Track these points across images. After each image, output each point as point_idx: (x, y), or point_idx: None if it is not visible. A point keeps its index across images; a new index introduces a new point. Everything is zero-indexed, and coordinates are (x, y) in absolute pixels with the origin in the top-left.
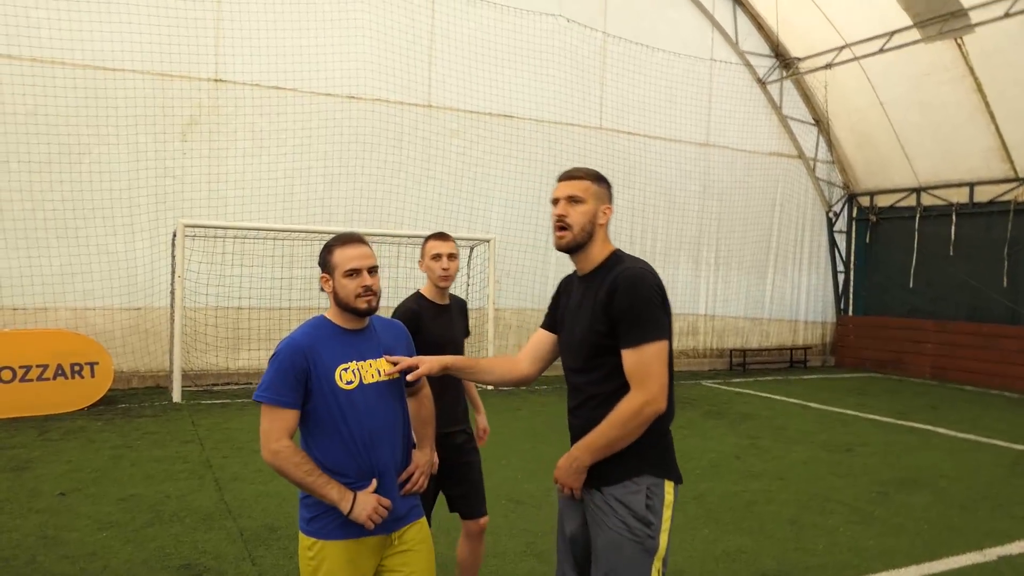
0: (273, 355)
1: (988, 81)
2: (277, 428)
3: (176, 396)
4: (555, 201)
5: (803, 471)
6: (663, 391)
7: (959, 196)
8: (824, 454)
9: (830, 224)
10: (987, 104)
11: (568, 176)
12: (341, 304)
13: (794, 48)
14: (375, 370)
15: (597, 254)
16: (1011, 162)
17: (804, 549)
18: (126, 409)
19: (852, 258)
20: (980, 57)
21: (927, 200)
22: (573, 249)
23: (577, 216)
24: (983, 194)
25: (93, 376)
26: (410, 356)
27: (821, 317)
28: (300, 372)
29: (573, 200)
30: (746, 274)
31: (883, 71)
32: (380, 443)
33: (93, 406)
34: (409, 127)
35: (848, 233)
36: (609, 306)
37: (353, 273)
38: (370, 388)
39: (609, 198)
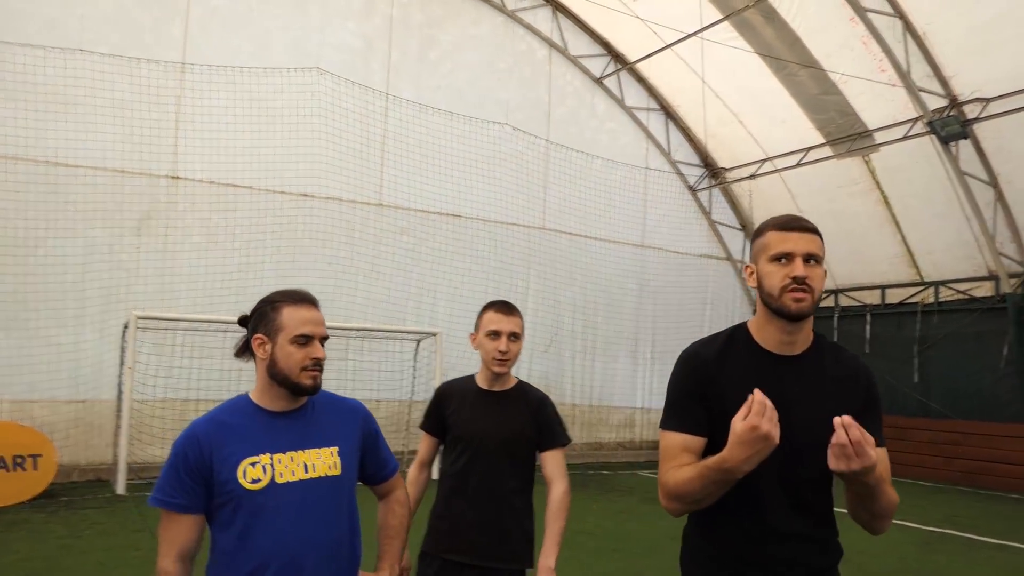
0: (173, 446)
1: (892, 194)
2: (167, 540)
3: (120, 488)
4: (787, 256)
5: None
6: None
7: (872, 298)
8: None
9: None
10: (893, 215)
11: (802, 227)
12: (278, 377)
13: (721, 159)
14: (300, 465)
15: (809, 328)
16: (916, 267)
17: None
18: (69, 502)
19: None
20: (884, 173)
21: (844, 301)
22: (803, 318)
23: (818, 280)
24: (893, 296)
25: (36, 468)
26: (364, 446)
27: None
28: (195, 467)
29: (813, 260)
30: None
31: (801, 182)
32: (304, 568)
33: (35, 499)
34: (360, 224)
35: None
36: (868, 401)
37: (304, 340)
38: (288, 489)
39: None
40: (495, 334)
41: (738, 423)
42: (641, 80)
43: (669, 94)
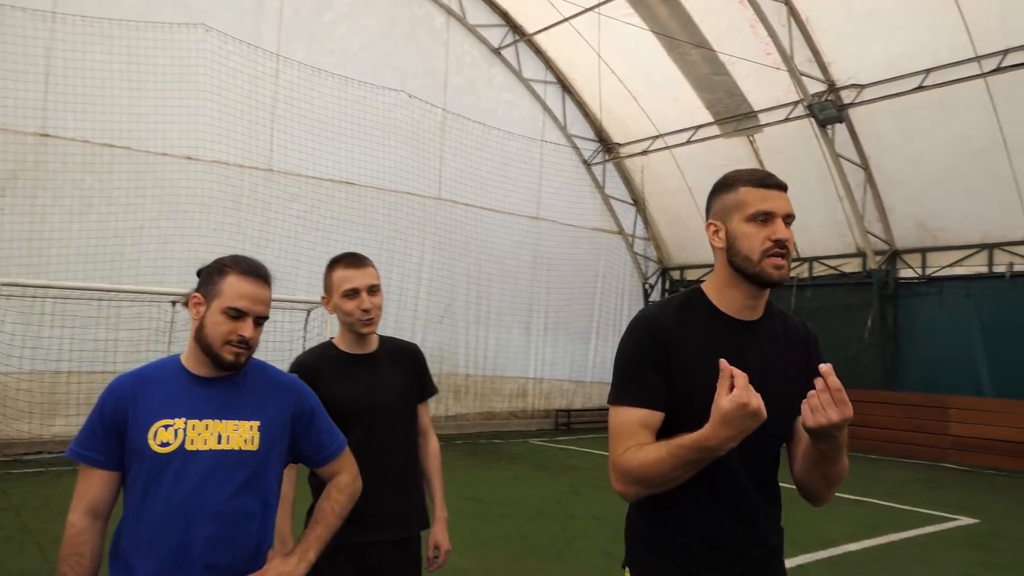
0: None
1: (777, 173)
2: (79, 494)
3: None
4: (767, 215)
5: (617, 512)
6: None
7: None
8: None
9: (646, 295)
10: None
11: (780, 185)
12: (202, 342)
13: (615, 134)
14: (214, 434)
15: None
16: (793, 244)
17: (615, 573)
18: None
19: None
20: (768, 152)
21: None
22: (782, 284)
23: (790, 244)
24: None
25: None
26: (294, 427)
27: None
28: (111, 422)
29: (791, 220)
30: (572, 340)
31: (690, 159)
32: (196, 540)
33: None
34: (248, 190)
35: None
36: (811, 364)
37: (235, 314)
38: (195, 458)
39: None
40: (353, 292)
41: (724, 400)
42: (539, 52)
43: (566, 68)
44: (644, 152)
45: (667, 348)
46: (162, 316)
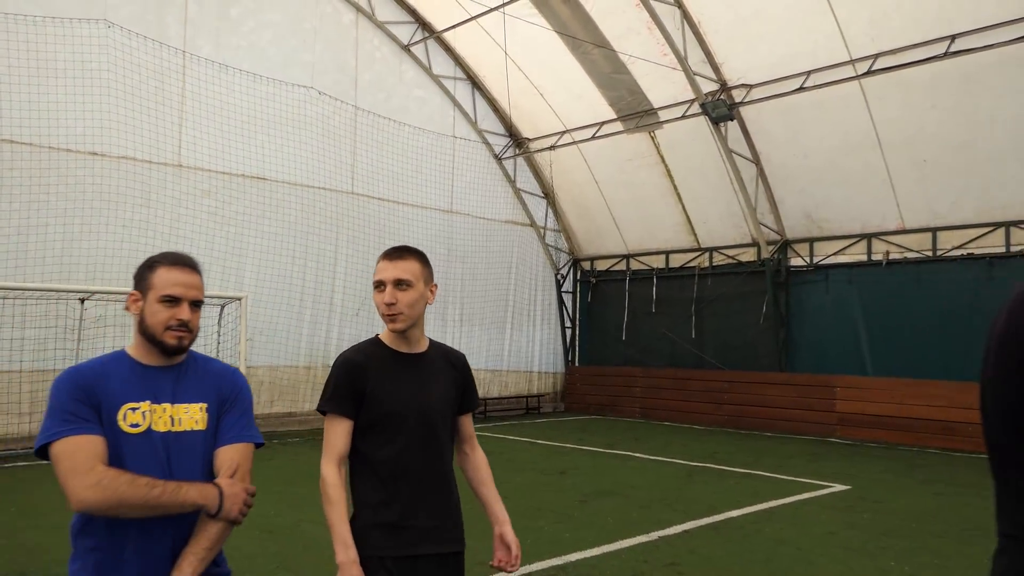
0: (51, 389)
1: (674, 168)
2: (83, 457)
3: None
4: None
5: (524, 490)
6: None
7: (658, 262)
8: (542, 477)
9: (558, 285)
10: (675, 187)
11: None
12: (146, 334)
13: (525, 130)
14: (169, 417)
15: None
16: (695, 235)
17: None
18: None
19: (577, 315)
20: (668, 148)
21: (635, 265)
22: None
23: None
24: (676, 260)
25: None
26: (237, 420)
27: (552, 368)
28: (86, 398)
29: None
30: (487, 330)
31: (596, 154)
32: (167, 520)
33: None
34: (157, 185)
35: (573, 293)
36: None
37: (170, 301)
38: (160, 439)
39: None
40: (378, 285)
41: None
42: (448, 49)
43: (475, 64)
44: (552, 147)
45: None
46: (70, 314)
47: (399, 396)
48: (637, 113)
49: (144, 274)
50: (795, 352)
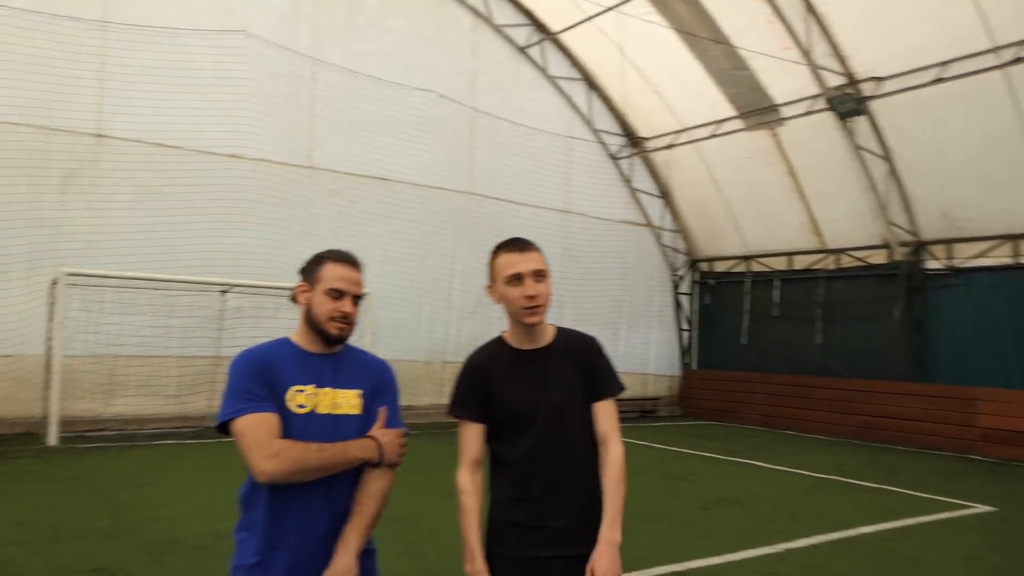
0: (229, 370)
1: (798, 166)
2: (263, 432)
3: (53, 440)
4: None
5: (642, 494)
6: None
7: (780, 264)
8: (661, 481)
9: (675, 286)
10: (798, 185)
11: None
12: (311, 322)
13: (641, 129)
14: (331, 401)
15: None
16: (820, 235)
17: (634, 546)
18: (1, 452)
19: (694, 317)
20: (790, 145)
21: (755, 267)
22: None
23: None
24: (799, 263)
25: None
26: (386, 410)
27: (668, 371)
28: (264, 381)
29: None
30: (601, 331)
31: (715, 153)
32: (314, 495)
33: None
34: (290, 186)
35: (691, 295)
36: None
37: (336, 294)
38: (324, 420)
39: None
40: (516, 278)
41: None
42: (564, 50)
43: (591, 65)
44: (669, 146)
45: None
46: (212, 304)
47: (522, 395)
48: (758, 110)
49: (313, 267)
50: (931, 361)
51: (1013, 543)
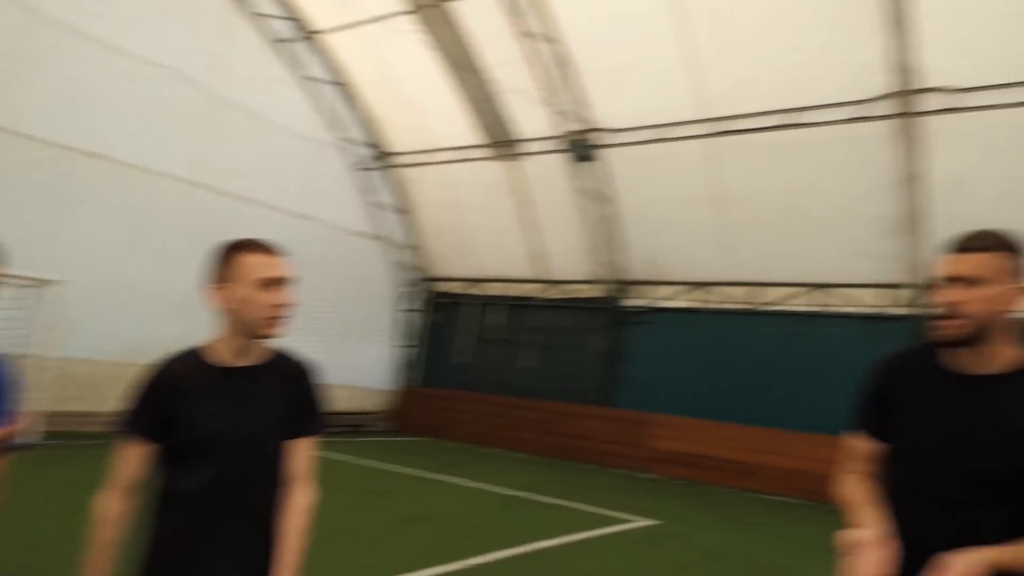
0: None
1: (535, 200)
2: None
3: None
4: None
5: (334, 512)
6: None
7: (507, 290)
8: (357, 498)
9: (406, 302)
10: (532, 218)
11: (962, 248)
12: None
13: (393, 143)
14: None
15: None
16: (544, 266)
17: (314, 569)
18: None
19: (421, 335)
20: (530, 180)
21: (484, 290)
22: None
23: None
24: (523, 290)
25: None
26: None
27: (388, 386)
28: None
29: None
30: (324, 342)
31: (460, 176)
32: None
33: None
34: None
35: (422, 312)
36: None
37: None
38: None
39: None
40: (272, 283)
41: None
42: (323, 52)
43: (350, 71)
44: (418, 164)
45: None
46: None
47: (215, 419)
48: (504, 141)
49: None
50: (622, 388)
51: (665, 554)
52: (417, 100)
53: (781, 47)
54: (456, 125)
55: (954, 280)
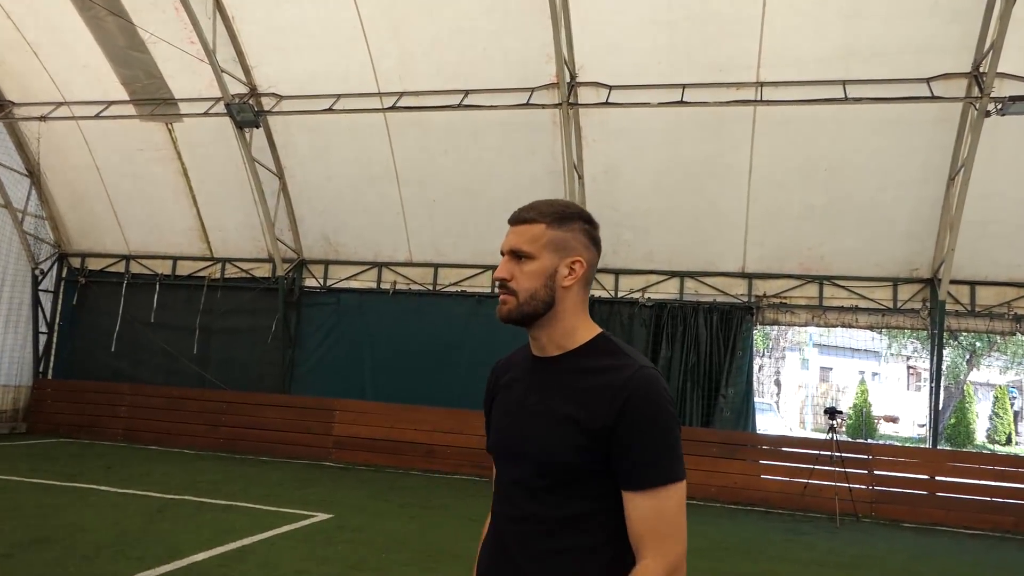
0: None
1: (192, 168)
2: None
3: None
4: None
5: None
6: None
7: (164, 268)
8: None
9: (36, 282)
10: (191, 188)
11: (515, 219)
12: None
13: (10, 91)
14: None
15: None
16: (208, 243)
17: None
18: None
19: (58, 319)
20: (186, 145)
21: (135, 268)
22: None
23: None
24: (184, 268)
25: None
26: None
27: (16, 381)
28: None
29: (519, 255)
30: None
31: (100, 137)
32: None
33: None
34: None
35: (56, 293)
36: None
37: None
38: None
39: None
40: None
41: None
42: None
43: None
44: (43, 118)
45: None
46: None
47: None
48: (154, 100)
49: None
50: (299, 374)
51: (339, 551)
52: (41, 41)
53: (454, 27)
54: (93, 75)
55: (509, 254)
